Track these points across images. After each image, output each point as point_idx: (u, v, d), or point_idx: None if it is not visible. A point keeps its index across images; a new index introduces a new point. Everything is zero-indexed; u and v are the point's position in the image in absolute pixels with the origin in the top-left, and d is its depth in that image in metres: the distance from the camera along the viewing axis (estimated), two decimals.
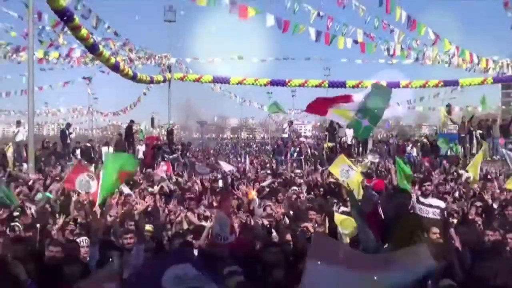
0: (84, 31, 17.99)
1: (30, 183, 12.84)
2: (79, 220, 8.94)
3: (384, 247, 5.86)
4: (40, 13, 20.18)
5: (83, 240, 7.16)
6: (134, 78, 24.34)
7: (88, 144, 25.22)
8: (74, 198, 9.77)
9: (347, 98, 7.99)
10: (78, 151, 23.21)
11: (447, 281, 5.23)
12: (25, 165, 18.63)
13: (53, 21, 19.68)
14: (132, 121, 26.82)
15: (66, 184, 11.43)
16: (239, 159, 25.72)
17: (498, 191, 11.88)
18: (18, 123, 22.68)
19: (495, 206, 10.11)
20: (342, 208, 8.95)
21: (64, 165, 20.02)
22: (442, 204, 7.80)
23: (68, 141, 24.40)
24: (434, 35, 22.02)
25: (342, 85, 28.26)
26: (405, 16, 20.33)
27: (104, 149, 23.27)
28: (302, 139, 27.97)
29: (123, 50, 24.75)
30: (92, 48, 19.92)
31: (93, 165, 18.73)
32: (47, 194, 11.20)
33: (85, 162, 18.67)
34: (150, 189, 11.97)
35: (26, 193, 11.38)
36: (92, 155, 22.77)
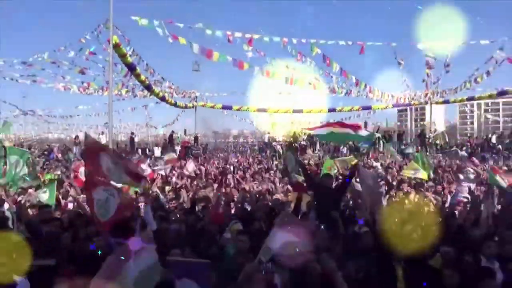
0: (143, 77, 21.43)
1: None
2: None
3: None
4: (116, 64, 21.11)
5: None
6: (174, 105, 28.92)
7: (146, 145, 30.31)
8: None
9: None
10: (139, 150, 27.26)
11: (363, 228, 5.36)
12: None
13: (124, 71, 21.91)
14: (173, 131, 30.43)
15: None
16: (238, 155, 28.66)
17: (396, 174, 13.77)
18: (102, 133, 28.19)
19: (394, 183, 11.64)
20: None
21: (130, 158, 26.47)
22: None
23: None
24: (355, 79, 25.96)
25: (301, 111, 33.17)
26: (338, 67, 24.09)
27: (155, 149, 26.94)
28: (274, 143, 30.99)
29: (167, 88, 28.15)
30: (148, 87, 23.74)
31: (148, 158, 24.26)
32: None
33: (143, 157, 22.50)
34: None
35: None
36: (148, 153, 26.38)
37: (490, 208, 6.62)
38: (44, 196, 8.10)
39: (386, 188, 10.25)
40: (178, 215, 7.26)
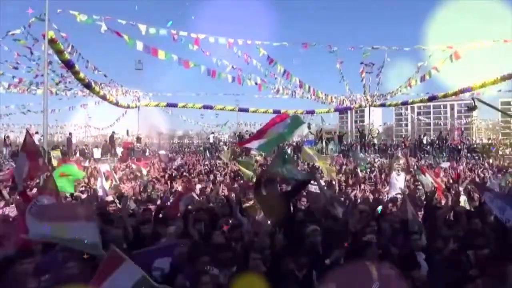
0: (82, 74, 20.42)
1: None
2: None
3: None
4: (51, 61, 20.09)
5: None
6: (116, 104, 27.81)
7: (84, 147, 28.21)
8: None
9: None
10: (78, 151, 26.10)
11: (312, 226, 5.24)
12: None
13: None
14: (113, 132, 29.29)
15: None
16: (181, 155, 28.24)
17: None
18: (36, 133, 24.87)
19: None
20: None
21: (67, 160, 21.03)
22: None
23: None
24: (299, 82, 26.59)
25: (246, 110, 33.88)
26: (282, 69, 24.54)
27: (95, 150, 26.11)
28: (219, 143, 31.41)
29: (109, 86, 27.31)
30: (88, 86, 22.69)
31: (87, 160, 22.15)
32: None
33: (82, 158, 22.66)
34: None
35: None
36: (86, 154, 25.26)
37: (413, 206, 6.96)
38: None
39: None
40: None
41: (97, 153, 25.10)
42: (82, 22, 17.19)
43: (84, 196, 9.93)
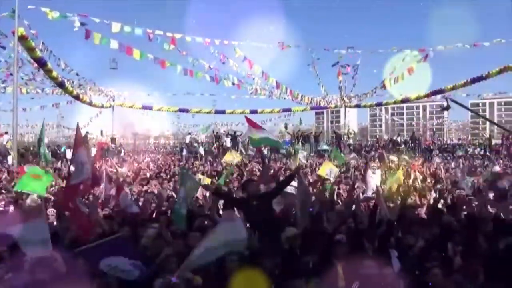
0: (54, 73, 20.06)
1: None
2: None
3: None
4: (22, 59, 20.66)
5: None
6: (90, 104, 27.32)
7: (56, 147, 27.16)
8: None
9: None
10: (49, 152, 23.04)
11: (291, 231, 5.13)
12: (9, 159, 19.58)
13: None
14: (87, 132, 27.51)
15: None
16: (157, 156, 27.19)
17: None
18: (6, 133, 24.56)
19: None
20: None
21: (39, 161, 19.54)
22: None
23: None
24: (276, 83, 27.03)
25: (223, 112, 33.70)
26: (260, 70, 24.90)
27: (68, 151, 24.39)
28: (195, 144, 30.74)
29: (82, 85, 26.74)
30: (60, 85, 22.40)
31: (60, 161, 21.60)
32: None
33: (54, 159, 21.69)
34: None
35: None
36: (58, 154, 24.40)
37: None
38: None
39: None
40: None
41: (69, 154, 24.29)
42: (54, 19, 16.81)
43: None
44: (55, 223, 6.50)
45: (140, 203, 8.38)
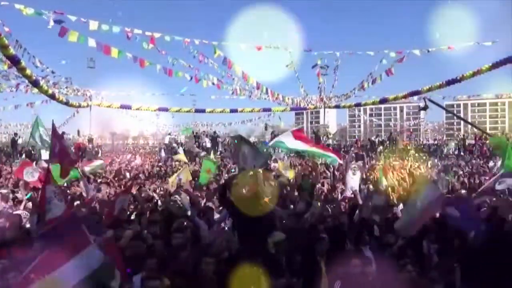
0: (28, 71, 19.05)
1: None
2: None
3: None
4: None
5: None
6: (66, 103, 26.51)
7: (31, 148, 25.70)
8: None
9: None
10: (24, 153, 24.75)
11: (279, 236, 5.00)
12: None
13: (6, 65, 19.90)
14: (63, 133, 27.13)
15: (16, 173, 12.46)
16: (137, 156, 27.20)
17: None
18: None
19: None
20: None
21: (12, 162, 21.72)
22: None
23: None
24: (256, 83, 26.66)
25: (203, 111, 33.00)
26: (240, 70, 24.45)
27: (43, 152, 22.79)
28: (174, 144, 30.67)
29: (58, 84, 25.88)
30: (35, 83, 21.59)
31: (34, 162, 24.22)
32: None
33: (28, 160, 24.00)
34: None
35: None
36: (33, 156, 23.67)
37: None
38: None
39: None
40: None
41: (45, 155, 23.60)
42: (28, 15, 16.30)
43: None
44: (27, 225, 6.32)
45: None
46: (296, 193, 8.28)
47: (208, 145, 28.61)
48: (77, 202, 8.48)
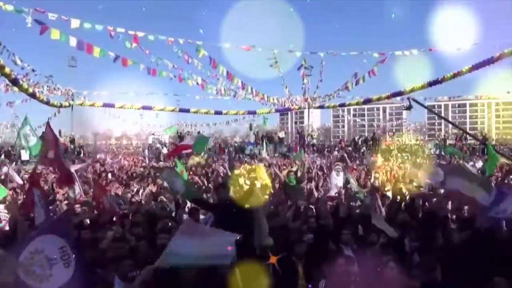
0: (7, 69, 18.46)
1: None
2: None
3: None
4: None
5: None
6: (47, 103, 25.74)
7: (10, 148, 26.54)
8: None
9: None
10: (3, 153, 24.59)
11: (268, 241, 4.95)
12: None
13: None
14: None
15: None
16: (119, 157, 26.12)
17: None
18: None
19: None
20: None
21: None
22: None
23: None
24: (241, 83, 26.47)
25: (187, 111, 32.36)
26: (225, 70, 24.19)
27: (22, 152, 23.77)
28: (158, 145, 31.46)
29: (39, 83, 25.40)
30: (14, 82, 20.83)
31: (14, 162, 21.25)
32: None
33: (8, 160, 20.65)
34: None
35: None
36: (12, 156, 24.20)
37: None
38: None
39: None
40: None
41: (24, 155, 23.26)
42: (7, 11, 15.85)
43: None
44: (6, 227, 6.19)
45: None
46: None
47: None
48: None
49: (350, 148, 28.58)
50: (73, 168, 11.91)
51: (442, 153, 26.44)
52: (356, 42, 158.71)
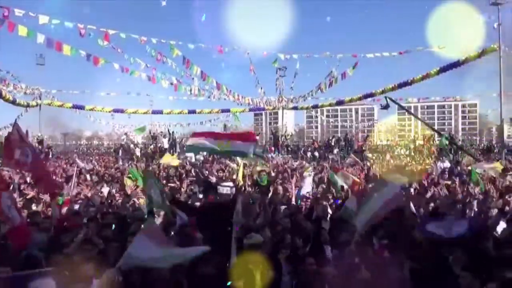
0: None
1: None
2: None
3: None
4: None
5: None
6: (13, 102, 25.15)
7: None
8: None
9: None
10: None
11: (257, 238, 4.77)
12: None
13: None
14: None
15: None
16: (90, 158, 26.76)
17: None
18: None
19: None
20: None
21: None
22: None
23: None
24: (216, 83, 26.41)
25: (160, 112, 32.92)
26: (199, 70, 24.17)
27: None
28: (132, 145, 30.23)
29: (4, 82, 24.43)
30: None
31: None
32: None
33: None
34: None
35: None
36: None
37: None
38: None
39: None
40: None
41: None
42: None
43: None
44: None
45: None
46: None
47: (166, 146, 28.04)
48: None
49: (322, 150, 28.85)
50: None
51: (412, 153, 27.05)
52: (329, 43, 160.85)
